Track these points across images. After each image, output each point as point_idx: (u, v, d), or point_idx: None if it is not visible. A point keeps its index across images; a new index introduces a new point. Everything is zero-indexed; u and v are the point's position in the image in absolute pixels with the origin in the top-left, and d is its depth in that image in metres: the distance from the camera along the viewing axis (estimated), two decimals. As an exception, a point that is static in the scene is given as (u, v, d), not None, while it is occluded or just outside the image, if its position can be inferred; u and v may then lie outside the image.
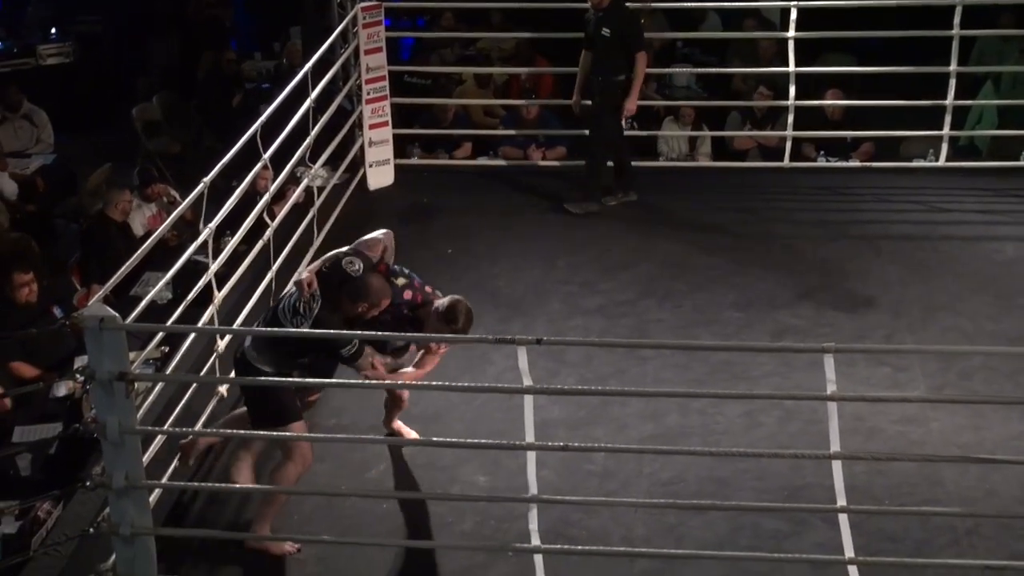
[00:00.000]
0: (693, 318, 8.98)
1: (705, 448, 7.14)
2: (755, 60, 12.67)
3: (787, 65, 11.40)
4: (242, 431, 6.84)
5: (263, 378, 6.60)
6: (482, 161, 12.06)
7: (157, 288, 7.35)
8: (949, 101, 11.20)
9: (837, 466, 5.75)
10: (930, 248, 10.05)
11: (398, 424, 7.47)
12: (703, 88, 13.05)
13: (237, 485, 6.81)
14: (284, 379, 6.55)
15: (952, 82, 11.15)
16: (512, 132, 12.03)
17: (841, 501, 5.75)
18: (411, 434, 7.41)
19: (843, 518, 5.84)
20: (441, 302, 6.98)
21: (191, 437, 7.03)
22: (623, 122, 10.84)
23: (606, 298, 9.27)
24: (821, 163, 11.70)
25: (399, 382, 7.00)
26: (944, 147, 11.41)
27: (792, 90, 11.36)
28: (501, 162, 11.95)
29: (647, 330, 8.80)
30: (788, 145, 11.48)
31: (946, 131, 11.33)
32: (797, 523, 6.63)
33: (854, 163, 11.68)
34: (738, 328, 8.81)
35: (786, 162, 11.52)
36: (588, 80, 10.74)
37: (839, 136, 11.67)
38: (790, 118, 11.41)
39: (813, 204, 10.95)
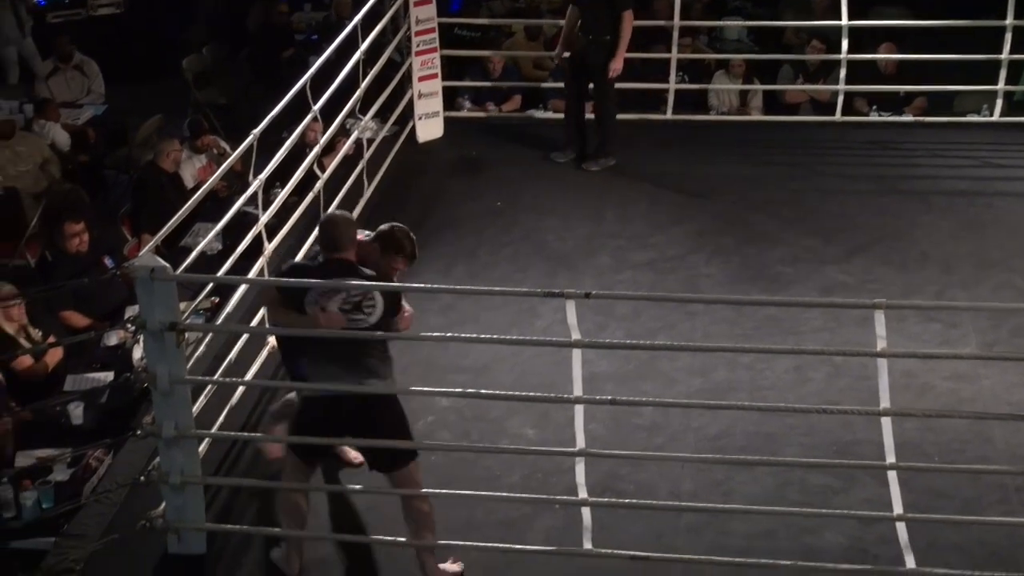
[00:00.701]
0: (742, 273, 8.94)
1: (753, 403, 7.11)
2: (808, 13, 12.55)
3: (840, 18, 11.29)
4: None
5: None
6: (531, 113, 12.02)
7: (207, 239, 7.37)
8: (1004, 55, 11.08)
9: (887, 422, 5.73)
10: (983, 204, 9.97)
11: None
12: (755, 41, 12.96)
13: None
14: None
15: (1008, 36, 11.02)
16: (562, 84, 11.97)
17: (891, 457, 5.72)
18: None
19: (892, 474, 5.81)
20: (375, 235, 6.32)
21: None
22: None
23: (655, 252, 9.24)
24: (873, 118, 11.60)
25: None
26: (999, 102, 11.30)
27: (845, 44, 11.25)
28: (550, 114, 11.90)
29: (696, 285, 8.77)
30: (840, 99, 11.39)
31: (1001, 86, 11.22)
32: (845, 479, 6.61)
33: (907, 118, 11.58)
34: (787, 283, 8.77)
35: (838, 116, 11.43)
36: (572, 36, 10.58)
37: (892, 90, 11.56)
38: (842, 72, 11.31)
39: (864, 159, 10.86)
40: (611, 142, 10.72)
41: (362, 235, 6.31)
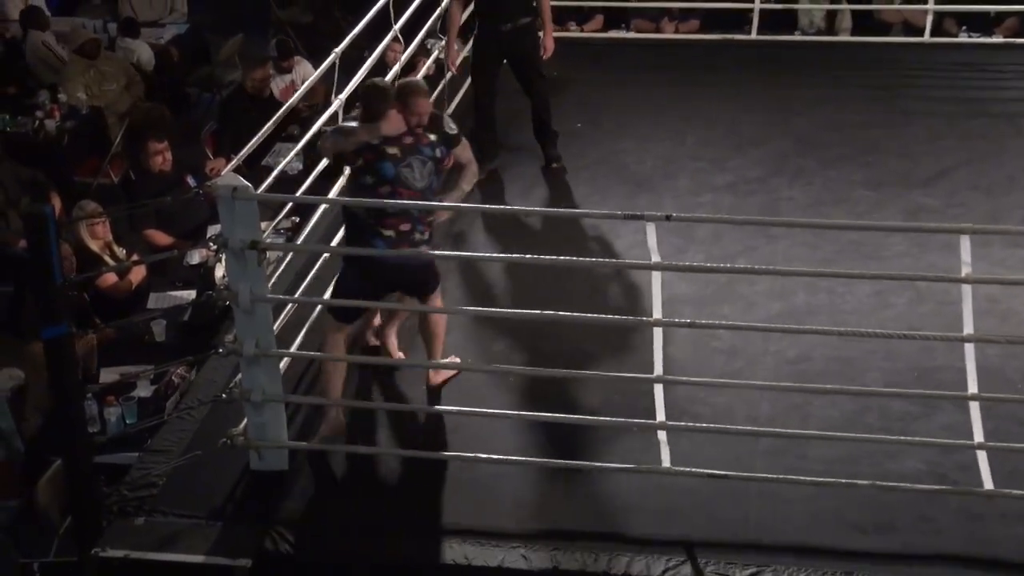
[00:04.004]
0: (823, 196, 8.85)
1: (833, 327, 7.06)
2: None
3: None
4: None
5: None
6: (613, 34, 11.92)
7: (288, 159, 7.40)
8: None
9: (969, 349, 5.67)
10: (1074, 128, 9.78)
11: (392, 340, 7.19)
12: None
13: (363, 358, 6.90)
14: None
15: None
16: (645, 4, 11.86)
17: (972, 384, 5.67)
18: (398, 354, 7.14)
19: (973, 402, 5.76)
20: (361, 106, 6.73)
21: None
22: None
23: (736, 175, 9.16)
24: (963, 39, 11.40)
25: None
26: (1093, 22, 11.06)
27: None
28: (633, 34, 11.80)
29: (777, 208, 8.70)
30: (929, 20, 11.18)
31: (1094, 6, 10.98)
32: (926, 405, 6.55)
33: (997, 39, 11.36)
34: (869, 207, 8.67)
35: (927, 38, 11.23)
36: (483, 31, 9.21)
37: (982, 11, 11.34)
38: (931, -10, 11.12)
39: (952, 81, 10.69)
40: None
41: None
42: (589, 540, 5.80)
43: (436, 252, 6.86)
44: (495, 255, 7.41)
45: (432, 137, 6.56)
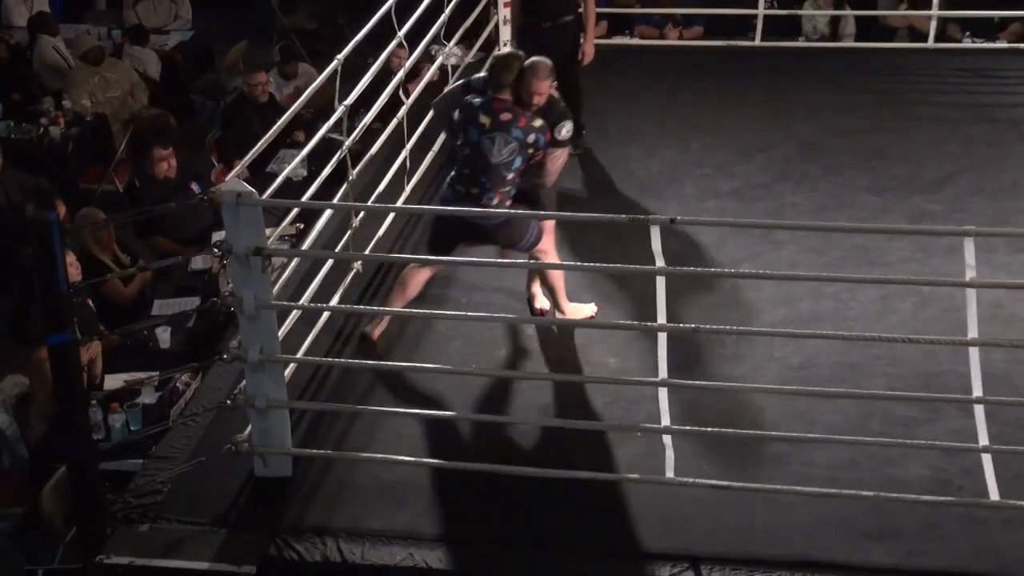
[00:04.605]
0: (828, 202, 8.84)
1: (837, 333, 7.05)
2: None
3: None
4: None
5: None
6: (617, 40, 11.92)
7: (292, 165, 7.41)
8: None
9: (974, 353, 5.66)
10: (1077, 133, 9.78)
11: (535, 291, 7.53)
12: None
13: (369, 363, 6.90)
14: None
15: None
16: (649, 11, 11.87)
17: (977, 389, 5.66)
18: (545, 305, 7.47)
19: (978, 406, 5.76)
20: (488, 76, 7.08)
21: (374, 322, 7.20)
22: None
23: (741, 181, 9.16)
24: (967, 44, 11.40)
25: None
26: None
27: (937, -33, 11.05)
28: (637, 41, 11.81)
29: (782, 213, 8.70)
30: (933, 25, 11.18)
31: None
32: (930, 410, 6.55)
33: (1001, 44, 11.37)
34: (874, 212, 8.67)
35: (931, 43, 11.24)
36: (526, 28, 9.41)
37: (986, 16, 11.34)
38: (936, -3, 11.13)
39: (956, 86, 10.69)
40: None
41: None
42: (591, 548, 5.79)
43: (412, 256, 6.88)
44: (496, 261, 7.40)
45: (536, 123, 6.86)
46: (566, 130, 7.11)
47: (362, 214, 7.92)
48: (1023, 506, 5.72)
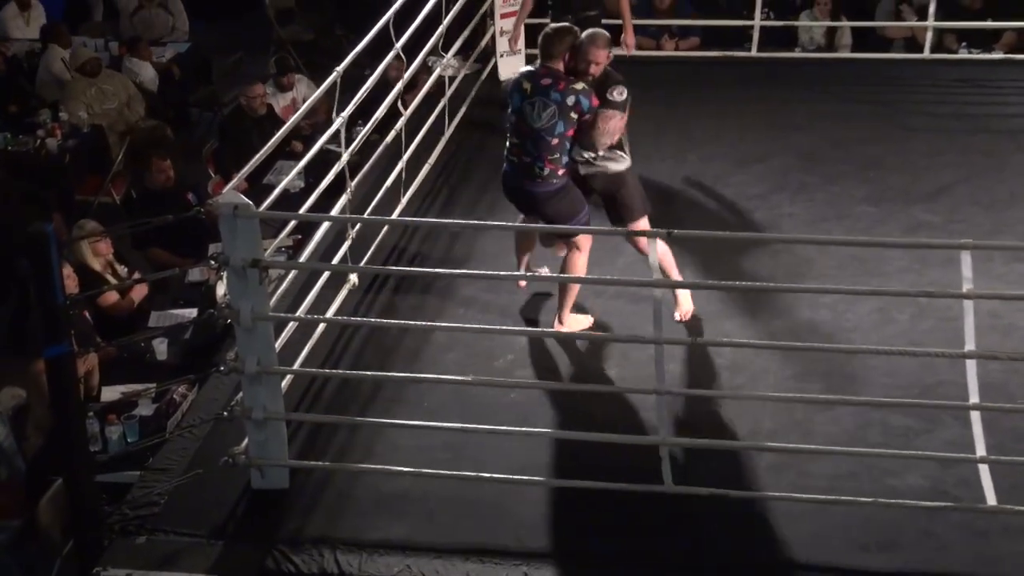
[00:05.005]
0: (825, 212, 8.85)
1: (834, 344, 7.05)
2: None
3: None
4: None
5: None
6: (614, 51, 11.89)
7: (290, 177, 7.41)
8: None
9: (971, 364, 5.66)
10: (1074, 143, 9.79)
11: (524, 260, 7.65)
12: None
13: (368, 372, 6.89)
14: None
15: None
16: (645, 21, 11.87)
17: (974, 399, 5.66)
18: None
19: (975, 416, 5.76)
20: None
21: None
22: None
23: (738, 191, 9.16)
24: (963, 55, 11.41)
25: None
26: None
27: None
28: (634, 52, 11.79)
29: (779, 224, 8.71)
30: (929, 36, 11.20)
31: (1093, 21, 11.00)
32: (927, 420, 6.55)
33: (996, 55, 11.38)
34: (871, 223, 8.67)
35: (926, 54, 11.26)
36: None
37: (981, 27, 11.35)
38: (931, 8, 11.12)
39: (953, 97, 10.70)
40: None
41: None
42: (591, 558, 5.79)
43: (408, 269, 6.87)
44: (497, 273, 7.41)
45: (577, 86, 6.89)
46: (618, 92, 7.05)
47: (358, 226, 7.92)
48: (1021, 511, 5.72)
